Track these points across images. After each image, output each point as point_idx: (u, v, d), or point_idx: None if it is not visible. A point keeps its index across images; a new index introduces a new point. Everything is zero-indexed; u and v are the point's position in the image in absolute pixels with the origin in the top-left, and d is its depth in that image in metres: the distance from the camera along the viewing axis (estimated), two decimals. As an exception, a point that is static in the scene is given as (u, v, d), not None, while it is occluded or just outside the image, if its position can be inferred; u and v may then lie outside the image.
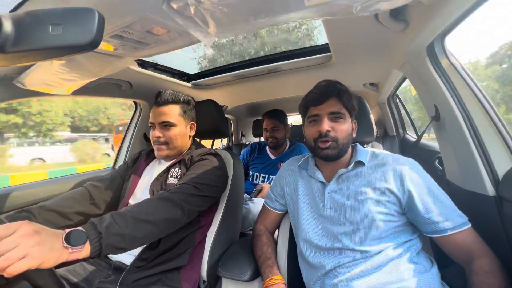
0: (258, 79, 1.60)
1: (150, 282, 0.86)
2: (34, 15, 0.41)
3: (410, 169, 0.75)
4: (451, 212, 0.71)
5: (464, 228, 0.69)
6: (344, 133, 0.80)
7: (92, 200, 0.99)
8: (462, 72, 0.87)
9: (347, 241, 0.75)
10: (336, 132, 0.79)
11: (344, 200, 0.79)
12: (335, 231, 0.78)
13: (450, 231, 0.69)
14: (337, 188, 0.82)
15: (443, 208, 0.71)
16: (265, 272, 0.83)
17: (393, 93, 2.01)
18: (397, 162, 0.78)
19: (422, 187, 0.73)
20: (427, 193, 0.72)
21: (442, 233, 0.70)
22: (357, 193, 0.77)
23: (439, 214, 0.70)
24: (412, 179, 0.73)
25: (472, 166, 0.81)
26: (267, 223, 1.00)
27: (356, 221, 0.75)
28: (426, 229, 0.73)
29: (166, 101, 1.04)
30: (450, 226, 0.69)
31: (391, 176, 0.75)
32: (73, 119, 16.70)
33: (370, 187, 0.76)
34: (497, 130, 0.79)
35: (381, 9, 0.60)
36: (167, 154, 1.05)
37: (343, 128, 0.80)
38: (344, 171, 0.82)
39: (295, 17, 0.68)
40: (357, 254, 0.73)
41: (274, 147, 1.90)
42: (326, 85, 0.83)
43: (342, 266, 0.74)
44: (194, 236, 0.98)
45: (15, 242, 0.49)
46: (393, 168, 0.76)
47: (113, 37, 0.80)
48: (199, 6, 0.63)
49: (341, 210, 0.79)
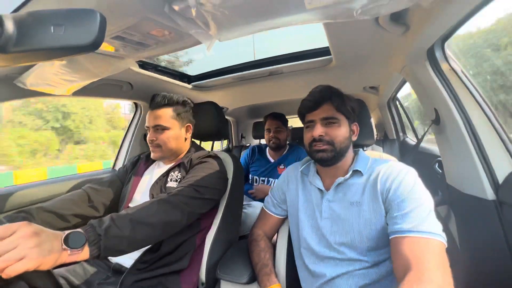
0: (258, 81, 1.60)
1: (150, 285, 0.85)
2: (36, 16, 0.41)
3: (400, 178, 0.72)
4: (418, 219, 0.64)
5: (418, 236, 0.62)
6: (340, 137, 0.80)
7: (90, 202, 0.99)
8: (462, 76, 0.87)
9: (346, 251, 0.75)
10: (330, 136, 0.80)
11: (340, 211, 0.78)
12: (332, 240, 0.77)
13: (399, 234, 0.64)
14: (335, 198, 0.81)
15: (410, 213, 0.65)
16: (262, 281, 0.82)
17: (393, 97, 2.01)
18: (390, 170, 0.75)
19: (403, 192, 0.69)
20: (406, 197, 0.68)
21: (393, 234, 0.66)
22: (353, 204, 0.76)
23: (400, 215, 0.66)
24: (398, 186, 0.70)
25: (472, 170, 0.81)
26: (266, 228, 0.98)
27: (353, 232, 0.74)
28: (388, 231, 0.69)
29: (159, 104, 1.04)
30: (401, 228, 0.64)
31: (381, 185, 0.73)
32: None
33: (366, 198, 0.75)
34: (497, 134, 0.79)
35: (382, 13, 0.60)
36: (161, 156, 1.06)
37: (338, 132, 0.80)
38: (342, 180, 0.80)
39: (296, 20, 0.69)
40: (356, 265, 0.73)
41: (276, 148, 1.92)
42: (319, 91, 0.84)
43: (341, 276, 0.74)
44: (194, 239, 0.98)
45: (14, 243, 0.49)
46: (385, 176, 0.74)
47: (114, 38, 0.81)
48: (201, 8, 0.63)
49: (337, 221, 0.78)
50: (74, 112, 16.53)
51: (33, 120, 15.33)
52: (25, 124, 15.02)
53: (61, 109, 15.96)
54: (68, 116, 16.28)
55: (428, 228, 0.63)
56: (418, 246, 0.61)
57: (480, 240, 0.70)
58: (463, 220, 0.92)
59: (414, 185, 0.70)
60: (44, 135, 15.03)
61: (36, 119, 15.40)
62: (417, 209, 0.66)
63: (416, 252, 0.60)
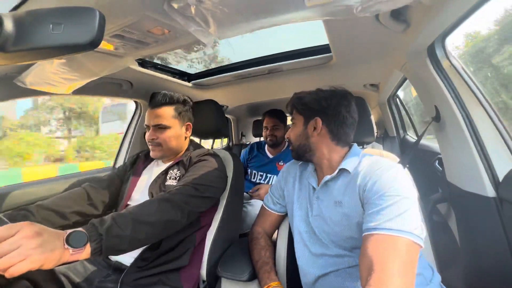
0: (258, 79, 1.60)
1: (151, 282, 0.86)
2: (35, 14, 0.41)
3: (377, 173, 0.69)
4: (388, 216, 0.60)
5: (383, 233, 0.59)
6: (293, 137, 0.87)
7: (90, 200, 0.99)
8: (463, 73, 0.87)
9: (334, 248, 0.75)
10: (290, 137, 0.88)
11: (325, 209, 0.78)
12: (321, 237, 0.78)
13: (367, 232, 0.61)
14: (322, 196, 0.81)
15: (382, 210, 0.62)
16: (263, 278, 0.82)
17: (394, 94, 2.01)
18: (372, 166, 0.72)
19: (379, 189, 0.65)
20: (382, 195, 0.64)
21: (364, 232, 0.63)
22: (337, 203, 0.75)
23: (371, 213, 0.63)
24: (374, 183, 0.67)
25: (472, 167, 0.81)
26: (266, 226, 0.98)
27: (336, 230, 0.74)
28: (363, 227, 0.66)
29: (159, 103, 1.03)
30: (370, 226, 0.61)
31: (360, 182, 0.70)
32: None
33: (346, 196, 0.73)
34: (498, 131, 0.79)
35: (382, 10, 0.60)
36: (161, 155, 1.06)
37: (291, 133, 0.88)
38: (329, 178, 0.79)
39: (296, 17, 0.68)
40: (345, 262, 0.73)
41: (273, 145, 1.95)
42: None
43: (333, 272, 0.74)
44: (194, 236, 0.98)
45: (17, 243, 0.49)
46: (365, 173, 0.71)
47: (113, 37, 0.81)
48: (200, 6, 0.63)
49: (325, 219, 0.78)
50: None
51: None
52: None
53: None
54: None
55: (397, 226, 0.58)
56: (382, 244, 0.58)
57: (480, 237, 0.70)
58: (463, 217, 0.92)
59: (393, 182, 0.66)
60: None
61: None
62: (390, 206, 0.62)
63: (380, 251, 0.57)
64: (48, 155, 14.52)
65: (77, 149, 15.66)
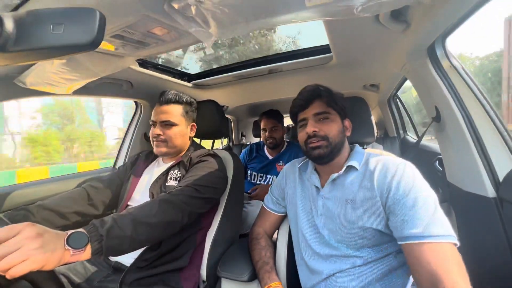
0: (259, 79, 1.60)
1: (151, 282, 0.86)
2: (35, 15, 0.41)
3: (397, 172, 0.69)
4: (427, 219, 0.61)
5: (434, 241, 0.59)
6: (334, 131, 0.80)
7: (90, 200, 0.99)
8: (463, 74, 0.87)
9: (342, 248, 0.75)
10: (324, 131, 0.79)
11: (334, 208, 0.77)
12: (328, 237, 0.77)
13: (413, 240, 0.61)
14: (330, 195, 0.80)
15: (418, 213, 0.62)
16: (263, 278, 0.82)
17: (394, 94, 2.01)
18: (387, 165, 0.73)
19: (405, 190, 0.66)
20: (408, 195, 0.65)
21: (405, 240, 0.62)
22: (348, 201, 0.75)
23: (408, 218, 0.63)
24: (398, 183, 0.68)
25: (472, 168, 0.81)
26: (266, 226, 0.98)
27: (346, 229, 0.74)
28: (395, 235, 0.66)
29: (169, 101, 1.05)
30: (414, 234, 0.61)
31: (379, 182, 0.71)
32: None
33: (360, 194, 0.73)
34: (498, 131, 0.79)
35: (382, 10, 0.60)
36: (165, 152, 1.05)
37: (331, 127, 0.81)
38: (336, 176, 0.79)
39: (296, 17, 0.68)
40: (353, 261, 0.73)
41: (273, 147, 1.92)
42: (308, 90, 0.85)
43: (340, 273, 0.74)
44: (195, 237, 0.98)
45: (18, 244, 0.49)
46: (382, 173, 0.72)
47: (114, 37, 0.81)
48: (200, 6, 0.63)
49: (332, 218, 0.77)
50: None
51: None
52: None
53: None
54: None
55: (443, 230, 0.60)
56: (439, 254, 0.58)
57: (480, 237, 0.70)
58: (463, 217, 0.92)
59: (414, 180, 0.67)
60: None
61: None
62: (422, 207, 0.63)
63: (440, 262, 0.57)
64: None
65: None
